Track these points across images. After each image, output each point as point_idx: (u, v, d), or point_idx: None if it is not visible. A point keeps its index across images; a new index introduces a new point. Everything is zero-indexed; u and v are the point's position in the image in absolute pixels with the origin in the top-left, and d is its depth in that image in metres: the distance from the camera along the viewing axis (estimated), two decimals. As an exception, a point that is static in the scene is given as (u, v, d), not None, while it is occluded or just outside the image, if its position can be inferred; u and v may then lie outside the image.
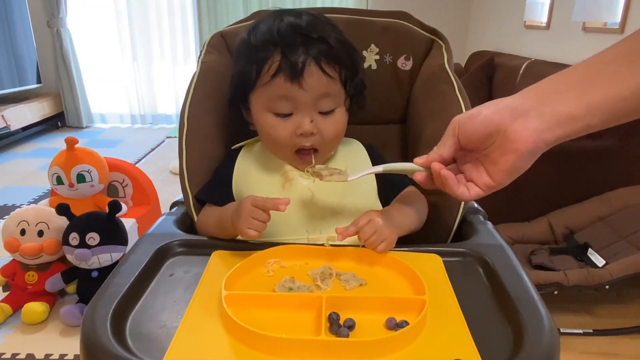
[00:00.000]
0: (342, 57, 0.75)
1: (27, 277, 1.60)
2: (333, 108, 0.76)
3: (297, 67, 0.71)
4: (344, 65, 0.76)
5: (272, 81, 0.73)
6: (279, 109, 0.75)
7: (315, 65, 0.72)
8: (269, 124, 0.77)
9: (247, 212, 0.68)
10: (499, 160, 0.54)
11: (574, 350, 0.91)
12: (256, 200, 0.68)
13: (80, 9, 4.30)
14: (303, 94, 0.73)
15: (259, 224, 0.67)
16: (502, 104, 0.53)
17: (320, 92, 0.74)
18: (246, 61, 0.77)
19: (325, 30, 0.75)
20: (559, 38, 2.83)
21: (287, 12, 0.78)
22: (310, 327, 0.54)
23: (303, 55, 0.72)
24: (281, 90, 0.73)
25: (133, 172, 2.03)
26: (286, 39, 0.73)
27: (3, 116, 3.53)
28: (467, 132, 0.55)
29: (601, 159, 1.80)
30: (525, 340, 0.50)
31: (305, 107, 0.74)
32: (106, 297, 0.57)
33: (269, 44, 0.73)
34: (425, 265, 0.66)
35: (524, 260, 1.67)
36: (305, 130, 0.74)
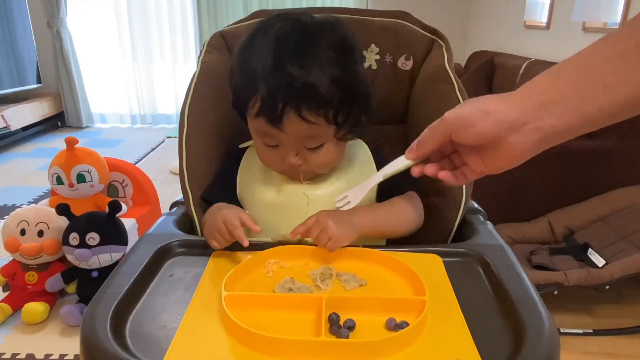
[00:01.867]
0: (330, 97, 0.70)
1: (27, 277, 1.60)
2: (320, 144, 0.74)
3: (275, 114, 0.69)
4: (332, 107, 0.70)
5: (256, 119, 0.72)
6: (265, 141, 0.75)
7: (295, 113, 0.68)
8: (259, 149, 0.78)
9: (216, 225, 0.69)
10: (493, 160, 0.54)
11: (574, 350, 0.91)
12: (228, 221, 0.68)
13: (80, 9, 4.31)
14: (285, 136, 0.72)
15: (222, 240, 0.69)
16: (496, 117, 0.51)
17: (301, 135, 0.72)
18: (236, 87, 0.76)
19: (318, 63, 0.69)
20: (559, 38, 2.83)
21: (283, 26, 0.72)
22: (310, 328, 0.54)
23: (282, 103, 0.68)
24: (264, 129, 0.72)
25: (133, 172, 2.03)
26: (268, 81, 0.68)
27: (3, 116, 3.54)
28: (459, 138, 0.54)
29: (601, 159, 1.80)
30: (525, 340, 0.50)
31: (289, 145, 0.73)
32: (106, 298, 0.57)
33: (253, 82, 0.70)
34: (425, 265, 0.66)
35: (524, 260, 1.67)
36: (291, 164, 0.74)
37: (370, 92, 0.77)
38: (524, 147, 0.50)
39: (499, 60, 3.12)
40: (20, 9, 3.94)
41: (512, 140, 0.50)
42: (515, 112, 0.50)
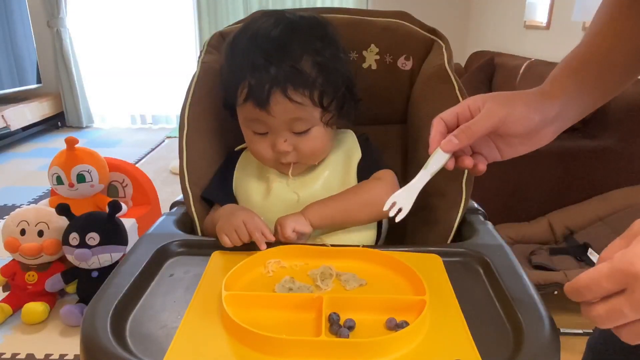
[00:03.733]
0: (314, 79, 0.73)
1: (27, 277, 1.60)
2: (307, 128, 0.76)
3: (262, 96, 0.72)
4: (317, 87, 0.74)
5: (244, 105, 0.75)
6: (255, 128, 0.77)
7: (281, 93, 0.71)
8: (249, 139, 0.80)
9: (235, 224, 0.69)
10: (517, 147, 0.60)
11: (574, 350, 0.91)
12: (248, 220, 0.69)
13: (80, 9, 4.31)
14: (272, 119, 0.74)
15: (237, 239, 0.69)
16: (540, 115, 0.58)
17: (288, 118, 0.74)
18: (225, 79, 0.79)
19: (301, 48, 0.73)
20: (559, 38, 2.83)
21: (267, 20, 0.76)
22: (311, 328, 0.54)
23: (268, 84, 0.71)
24: (252, 114, 0.75)
25: (133, 172, 2.04)
26: (254, 65, 0.72)
27: (3, 116, 3.54)
28: (509, 128, 0.58)
29: (601, 159, 1.80)
30: (525, 340, 0.50)
31: (278, 129, 0.76)
32: (106, 297, 0.57)
33: (239, 69, 0.74)
34: (425, 265, 0.66)
35: (524, 260, 1.67)
36: (280, 150, 0.76)
37: (353, 78, 0.80)
38: (551, 136, 0.59)
39: (499, 60, 3.12)
40: (20, 9, 3.94)
41: (545, 132, 0.58)
42: (550, 104, 0.58)
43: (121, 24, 4.35)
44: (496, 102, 0.58)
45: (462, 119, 0.61)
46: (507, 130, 0.58)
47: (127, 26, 4.36)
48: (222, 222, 0.72)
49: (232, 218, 0.71)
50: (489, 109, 0.58)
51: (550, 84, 0.61)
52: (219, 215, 0.76)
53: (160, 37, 4.39)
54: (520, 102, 0.58)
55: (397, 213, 0.63)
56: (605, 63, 0.59)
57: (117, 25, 4.36)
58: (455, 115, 0.61)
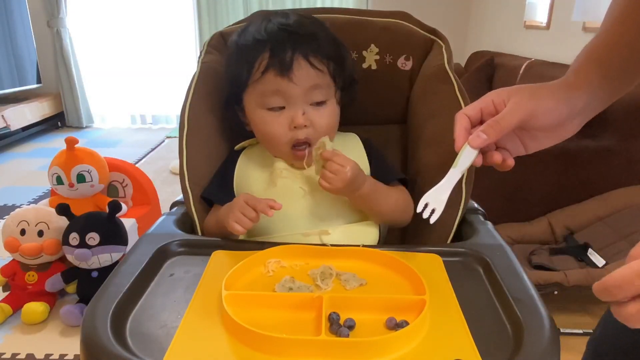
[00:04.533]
0: (330, 51, 0.78)
1: (27, 277, 1.60)
2: (324, 99, 0.79)
3: (285, 62, 0.74)
4: (332, 59, 0.78)
5: (263, 77, 0.76)
6: (271, 103, 0.77)
7: (303, 59, 0.75)
8: (262, 120, 0.79)
9: (238, 207, 0.71)
10: (542, 140, 0.59)
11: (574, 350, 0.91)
12: (249, 198, 0.72)
13: (80, 9, 4.31)
14: (293, 87, 0.75)
15: (246, 220, 0.70)
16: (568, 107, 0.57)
17: (310, 85, 0.76)
18: (237, 62, 0.80)
19: (313, 27, 0.79)
20: (559, 38, 2.83)
21: (275, 13, 0.82)
22: (311, 327, 0.54)
23: (291, 51, 0.74)
24: (272, 85, 0.76)
25: (133, 172, 2.04)
26: (274, 36, 0.76)
27: (3, 116, 3.54)
28: (538, 121, 0.57)
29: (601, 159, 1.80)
30: (525, 340, 0.50)
31: (297, 100, 0.77)
32: (106, 297, 0.57)
33: (258, 43, 0.76)
34: (425, 265, 0.66)
35: (524, 260, 1.67)
36: (298, 123, 0.76)
37: (355, 79, 0.85)
38: (575, 128, 0.59)
39: (499, 60, 3.12)
40: (20, 9, 3.94)
41: (571, 124, 0.58)
42: (576, 97, 0.57)
43: (121, 24, 4.35)
44: (523, 95, 0.57)
45: (486, 113, 0.59)
46: (535, 123, 0.57)
47: (127, 26, 4.36)
48: (225, 215, 0.73)
49: (233, 205, 0.73)
50: (517, 103, 0.57)
51: (575, 75, 0.59)
52: (221, 219, 0.76)
53: (160, 37, 4.38)
54: (547, 95, 0.57)
55: (431, 215, 0.62)
56: (628, 51, 0.58)
57: (117, 25, 4.36)
58: (479, 110, 0.60)
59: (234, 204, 0.73)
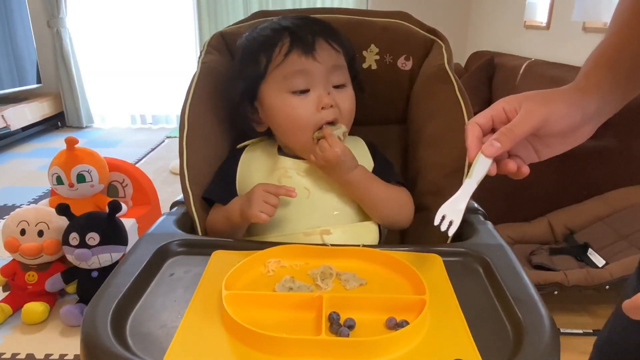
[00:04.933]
0: (343, 41, 0.83)
1: (27, 277, 1.60)
2: (344, 82, 0.81)
3: (308, 41, 0.77)
4: (346, 47, 0.82)
5: (286, 59, 0.77)
6: (295, 85, 0.78)
7: (324, 40, 0.78)
8: (288, 105, 0.79)
9: (260, 196, 0.72)
10: (555, 147, 0.58)
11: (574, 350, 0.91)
12: (268, 186, 0.73)
13: (80, 9, 4.31)
14: (317, 66, 0.77)
15: (270, 208, 0.72)
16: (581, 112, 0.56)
17: (332, 64, 0.78)
18: (251, 56, 0.81)
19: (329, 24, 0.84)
20: (559, 38, 2.83)
21: (306, 12, 0.87)
22: (311, 327, 0.54)
23: (310, 33, 0.78)
24: (296, 66, 0.77)
25: (133, 172, 2.04)
26: (291, 24, 0.79)
27: (3, 116, 3.54)
28: (551, 127, 0.56)
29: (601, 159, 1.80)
30: (525, 340, 0.50)
31: (321, 81, 0.78)
32: (106, 297, 0.57)
33: (275, 32, 0.79)
34: (426, 265, 0.66)
35: (524, 260, 1.67)
36: (326, 103, 0.77)
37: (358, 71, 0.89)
38: (588, 134, 0.58)
39: (499, 60, 3.12)
40: (20, 9, 3.94)
41: (583, 131, 0.57)
42: (588, 99, 0.57)
43: (121, 24, 4.35)
44: (535, 102, 0.56)
45: (497, 121, 0.59)
46: (548, 130, 0.56)
47: (127, 26, 4.36)
48: (248, 207, 0.73)
49: (253, 195, 0.73)
50: (529, 110, 0.56)
51: (585, 79, 0.59)
52: (232, 214, 0.77)
53: (160, 37, 4.38)
54: (559, 101, 0.56)
55: (449, 227, 0.61)
56: (638, 54, 0.57)
57: (117, 25, 4.36)
58: (490, 118, 0.59)
59: (254, 195, 0.73)
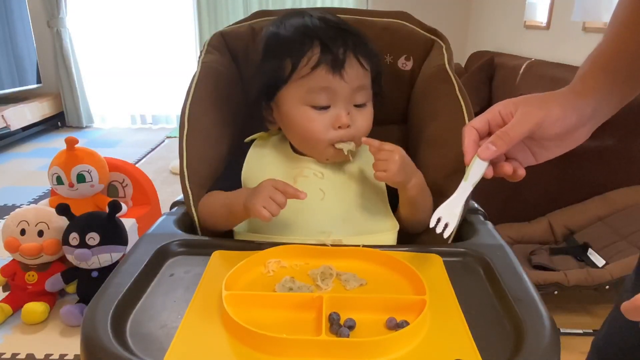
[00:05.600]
0: (373, 55, 0.79)
1: (27, 277, 1.60)
2: (365, 102, 0.79)
3: (338, 59, 0.73)
4: (373, 60, 0.79)
5: (312, 73, 0.74)
6: (318, 101, 0.76)
7: (353, 57, 0.75)
8: (306, 117, 0.77)
9: (267, 191, 0.68)
10: (552, 149, 0.58)
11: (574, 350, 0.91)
12: (277, 182, 0.69)
13: (80, 9, 4.30)
14: (343, 85, 0.75)
15: (275, 206, 0.67)
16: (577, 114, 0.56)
17: (358, 84, 0.76)
18: (277, 56, 0.77)
19: (354, 27, 0.79)
20: (559, 38, 2.83)
21: (309, 11, 0.80)
22: (311, 327, 0.54)
23: (342, 48, 0.74)
24: (322, 82, 0.74)
25: (133, 172, 2.04)
26: (323, 32, 0.75)
27: (3, 116, 3.54)
28: (546, 130, 0.56)
29: (601, 159, 1.80)
30: (525, 340, 0.50)
31: (343, 100, 0.76)
32: (106, 297, 0.57)
33: (305, 37, 0.75)
34: (426, 265, 0.66)
35: (524, 260, 1.67)
36: (343, 123, 0.76)
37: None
38: (585, 136, 0.58)
39: (499, 60, 3.12)
40: (20, 9, 3.94)
41: (581, 132, 0.57)
42: (585, 103, 0.57)
43: (121, 24, 4.35)
44: (530, 105, 0.57)
45: (493, 125, 0.59)
46: (544, 133, 0.56)
47: (127, 26, 4.35)
48: (251, 200, 0.69)
49: (260, 188, 0.69)
50: (525, 113, 0.56)
51: (582, 82, 0.59)
52: (234, 204, 0.74)
53: (160, 37, 4.38)
54: (555, 104, 0.56)
55: (444, 229, 0.62)
56: (634, 57, 0.57)
57: (117, 25, 4.35)
58: (486, 121, 0.59)
59: (261, 188, 0.69)
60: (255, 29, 0.93)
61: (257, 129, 0.92)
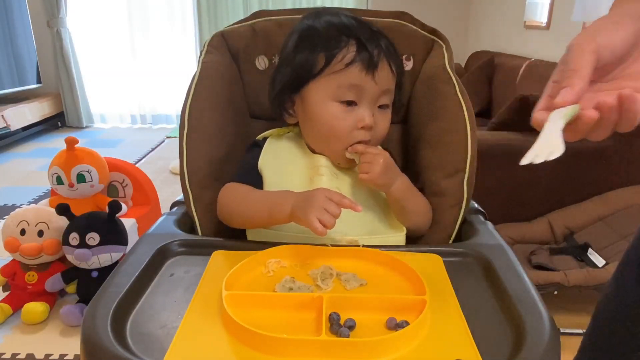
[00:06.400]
0: (399, 61, 0.81)
1: (27, 277, 1.60)
2: (388, 104, 0.80)
3: (373, 59, 0.74)
4: (399, 66, 0.80)
5: (346, 70, 0.75)
6: (346, 97, 0.76)
7: (385, 59, 0.76)
8: (332, 113, 0.77)
9: (321, 202, 0.65)
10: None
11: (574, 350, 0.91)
12: (332, 193, 0.67)
13: (80, 8, 4.31)
14: (373, 86, 0.75)
15: (330, 218, 0.64)
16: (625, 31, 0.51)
17: (386, 87, 0.77)
18: (311, 49, 0.77)
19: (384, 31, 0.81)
20: (559, 38, 2.83)
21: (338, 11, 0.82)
22: (311, 327, 0.54)
23: (377, 49, 0.75)
24: (353, 80, 0.75)
25: (133, 172, 2.03)
26: (359, 30, 0.76)
27: (3, 116, 3.53)
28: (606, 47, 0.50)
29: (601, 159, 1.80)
30: (525, 340, 0.50)
31: (370, 100, 0.77)
32: (106, 297, 0.57)
33: (342, 34, 0.76)
34: (426, 265, 0.66)
35: (524, 260, 1.67)
36: (367, 124, 0.76)
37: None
38: None
39: (499, 60, 3.12)
40: (20, 9, 3.94)
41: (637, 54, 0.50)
42: None
43: (121, 24, 4.35)
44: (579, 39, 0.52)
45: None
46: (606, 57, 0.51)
47: (127, 26, 4.36)
48: (305, 210, 0.66)
49: (313, 199, 0.66)
50: (577, 46, 0.52)
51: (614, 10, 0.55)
52: (276, 205, 0.71)
53: (160, 37, 4.38)
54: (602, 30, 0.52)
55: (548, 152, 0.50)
56: None
57: (117, 25, 4.35)
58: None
59: (315, 199, 0.66)
60: (255, 29, 0.93)
61: (258, 129, 0.92)
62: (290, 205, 0.69)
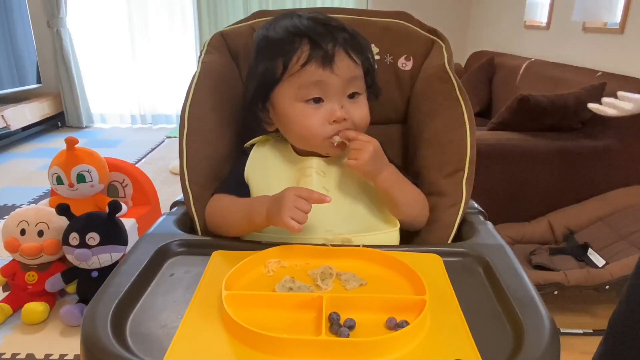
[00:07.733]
0: (362, 46, 0.79)
1: (27, 277, 1.60)
2: (359, 91, 0.79)
3: (328, 54, 0.74)
4: (363, 54, 0.79)
5: (303, 70, 0.75)
6: (310, 94, 0.76)
7: (343, 51, 0.76)
8: (301, 113, 0.77)
9: (291, 201, 0.67)
10: None
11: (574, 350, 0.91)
12: (300, 190, 0.69)
13: (80, 9, 4.31)
14: (334, 78, 0.75)
15: (302, 215, 0.67)
16: None
17: (349, 76, 0.76)
18: (269, 57, 0.78)
19: (342, 23, 0.80)
20: (559, 38, 2.83)
21: (299, 12, 0.81)
22: (311, 327, 0.54)
23: (331, 43, 0.75)
24: (313, 77, 0.75)
25: (133, 172, 2.04)
26: (312, 29, 0.76)
27: (3, 116, 3.54)
28: None
29: (601, 159, 1.80)
30: (525, 340, 0.50)
31: (336, 93, 0.76)
32: (106, 297, 0.57)
33: (295, 36, 0.76)
34: (426, 265, 0.66)
35: (524, 260, 1.67)
36: (338, 117, 0.76)
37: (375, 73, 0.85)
38: None
39: (499, 60, 3.13)
40: (20, 9, 3.94)
41: None
42: None
43: (121, 24, 4.35)
44: None
45: None
46: None
47: (127, 26, 4.36)
48: (277, 211, 0.68)
49: (283, 199, 0.68)
50: None
51: None
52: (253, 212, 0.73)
53: (160, 37, 4.39)
54: None
55: None
56: None
57: (117, 25, 4.36)
58: None
59: (284, 199, 0.68)
60: (255, 29, 0.93)
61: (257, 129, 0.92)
62: (265, 210, 0.71)
